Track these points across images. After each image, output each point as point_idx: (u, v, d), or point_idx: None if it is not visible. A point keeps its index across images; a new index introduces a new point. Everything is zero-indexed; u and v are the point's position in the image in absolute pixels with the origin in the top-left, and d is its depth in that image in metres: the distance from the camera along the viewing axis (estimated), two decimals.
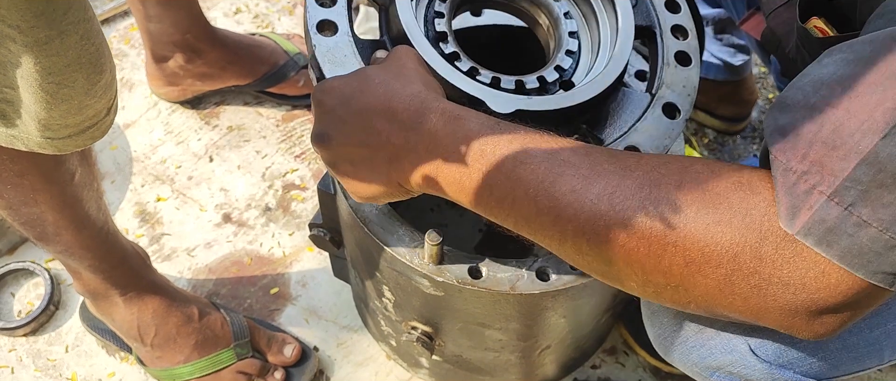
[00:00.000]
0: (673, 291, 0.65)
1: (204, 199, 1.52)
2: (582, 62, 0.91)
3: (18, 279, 1.43)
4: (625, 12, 0.89)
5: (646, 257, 0.63)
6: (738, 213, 0.60)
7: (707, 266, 0.61)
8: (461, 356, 1.17)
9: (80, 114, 0.74)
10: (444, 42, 0.86)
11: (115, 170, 1.55)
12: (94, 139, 0.80)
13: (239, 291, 1.43)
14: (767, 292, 0.60)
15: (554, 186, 0.65)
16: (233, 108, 1.63)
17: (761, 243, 0.59)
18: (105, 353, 1.37)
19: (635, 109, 0.89)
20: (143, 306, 1.26)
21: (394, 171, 0.71)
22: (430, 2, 0.90)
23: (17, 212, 0.98)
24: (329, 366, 1.36)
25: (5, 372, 1.35)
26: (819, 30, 0.86)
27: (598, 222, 0.63)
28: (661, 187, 0.63)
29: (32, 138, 0.76)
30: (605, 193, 0.63)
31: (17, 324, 1.36)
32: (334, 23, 0.84)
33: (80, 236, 1.08)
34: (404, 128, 0.69)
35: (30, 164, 0.89)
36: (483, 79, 0.84)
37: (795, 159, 0.59)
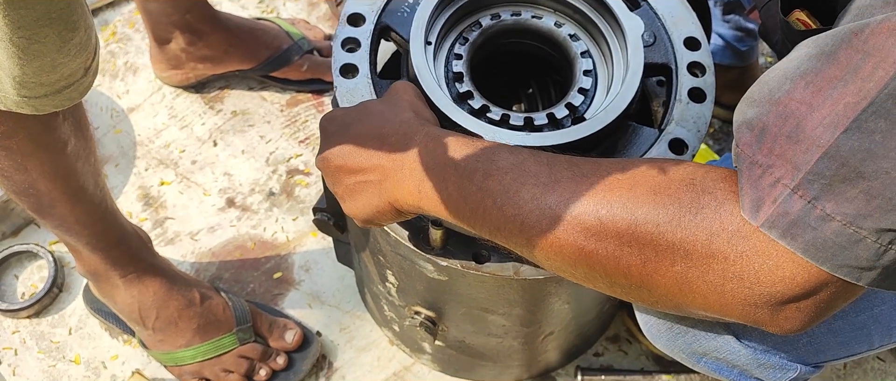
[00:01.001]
0: (638, 291, 0.67)
1: (208, 183, 1.52)
2: (597, 98, 0.95)
3: (22, 262, 1.43)
4: (635, 50, 0.92)
5: (604, 259, 0.66)
6: (689, 211, 0.62)
7: (661, 265, 0.63)
8: (464, 341, 1.17)
9: (54, 73, 0.74)
10: (460, 82, 0.91)
11: (119, 154, 1.55)
12: (73, 100, 0.80)
13: (242, 275, 1.43)
14: (724, 288, 0.61)
15: (518, 195, 0.69)
16: (237, 92, 1.63)
17: (712, 240, 0.61)
18: (108, 335, 1.37)
19: (641, 145, 0.92)
20: (144, 288, 1.26)
21: (385, 191, 0.76)
22: (452, 45, 0.95)
23: (11, 179, 0.98)
24: (332, 351, 1.36)
25: (8, 354, 1.35)
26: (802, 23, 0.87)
27: (557, 227, 0.66)
28: (614, 191, 0.65)
29: (9, 96, 0.76)
30: (563, 198, 0.67)
31: (21, 306, 1.37)
32: (356, 66, 0.92)
33: (75, 210, 1.08)
34: (392, 151, 0.75)
35: (16, 125, 0.88)
36: (493, 115, 0.89)
37: (761, 153, 0.60)
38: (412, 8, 0.96)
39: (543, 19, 0.98)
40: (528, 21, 0.98)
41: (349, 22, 0.95)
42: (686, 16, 0.99)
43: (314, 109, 1.61)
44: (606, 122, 0.88)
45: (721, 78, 1.63)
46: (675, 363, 1.34)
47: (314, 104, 1.62)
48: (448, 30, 0.96)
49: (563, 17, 0.99)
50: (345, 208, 0.81)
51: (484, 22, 0.97)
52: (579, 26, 0.99)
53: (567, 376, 1.34)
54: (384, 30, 0.96)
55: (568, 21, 0.99)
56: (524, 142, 0.86)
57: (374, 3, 0.96)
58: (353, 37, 0.93)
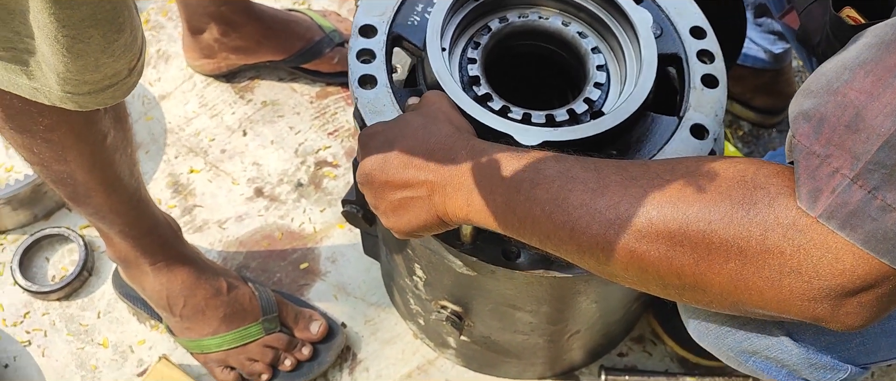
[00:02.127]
0: (692, 291, 0.66)
1: (236, 172, 1.53)
2: (612, 93, 0.97)
3: (53, 245, 1.45)
4: (647, 43, 0.94)
5: (657, 260, 0.65)
6: (742, 208, 0.61)
7: (715, 263, 0.63)
8: (490, 337, 1.18)
9: (97, 72, 0.75)
10: (478, 85, 0.93)
11: (150, 141, 1.57)
12: (116, 99, 0.81)
13: (269, 264, 1.43)
14: (782, 284, 0.61)
15: (566, 202, 0.69)
16: (267, 83, 1.63)
17: (767, 235, 0.60)
18: (136, 320, 1.39)
19: (664, 133, 0.93)
20: (173, 276, 1.28)
21: (434, 206, 0.77)
22: (464, 50, 0.97)
23: (49, 169, 1.00)
24: (356, 343, 1.37)
25: (38, 335, 1.37)
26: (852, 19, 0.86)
27: (608, 231, 0.67)
28: (664, 192, 0.65)
29: (53, 92, 0.77)
30: (612, 203, 0.67)
31: (51, 288, 1.38)
32: (374, 76, 0.93)
33: (110, 200, 1.09)
34: (438, 165, 0.77)
35: (59, 119, 0.90)
36: (514, 115, 0.91)
37: (818, 143, 0.59)
38: (421, 16, 0.99)
39: (550, 20, 1.00)
40: (536, 22, 1.00)
41: (361, 33, 0.96)
42: (689, 6, 1.02)
43: (343, 101, 1.62)
44: (629, 112, 0.89)
45: (754, 81, 1.63)
46: (700, 366, 1.34)
47: (343, 97, 1.63)
48: (458, 35, 0.98)
49: (569, 16, 1.02)
50: (387, 222, 0.82)
51: (493, 25, 0.99)
52: (586, 24, 1.01)
53: (591, 375, 1.34)
54: (396, 39, 0.97)
55: (574, 20, 1.01)
56: (549, 138, 0.86)
57: (383, 13, 0.97)
58: (368, 48, 0.95)
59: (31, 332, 1.37)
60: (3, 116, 0.88)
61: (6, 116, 0.88)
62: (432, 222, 0.79)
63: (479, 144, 0.78)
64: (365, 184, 0.82)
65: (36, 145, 0.93)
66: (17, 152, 0.97)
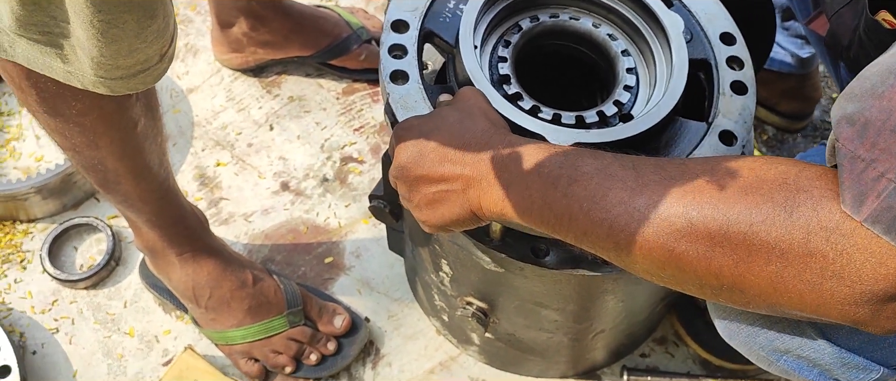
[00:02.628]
0: (729, 292, 0.66)
1: (263, 166, 1.54)
2: (641, 96, 0.97)
3: (82, 234, 1.47)
4: (678, 48, 0.94)
5: (695, 260, 0.65)
6: (784, 210, 0.61)
7: (755, 265, 0.62)
8: (514, 334, 1.18)
9: (130, 57, 0.76)
10: (508, 84, 0.94)
11: (177, 133, 1.58)
12: (147, 85, 0.82)
13: (294, 258, 1.45)
14: (822, 287, 0.60)
15: (605, 199, 0.69)
16: (294, 78, 1.65)
17: (809, 238, 0.60)
18: (162, 311, 1.40)
19: (692, 138, 0.93)
20: (199, 268, 1.29)
21: (468, 201, 0.78)
22: (494, 48, 0.98)
23: (81, 154, 1.01)
24: (379, 338, 1.38)
25: (66, 323, 1.39)
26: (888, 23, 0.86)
27: (646, 230, 0.67)
28: (704, 192, 0.65)
29: (87, 76, 0.78)
30: (651, 201, 0.67)
31: (79, 277, 1.40)
32: (406, 72, 0.94)
33: (139, 188, 1.10)
34: (475, 160, 0.77)
35: (92, 103, 0.91)
36: (544, 116, 0.91)
37: (863, 148, 0.59)
38: (453, 13, 0.99)
39: (581, 21, 1.00)
40: (567, 23, 1.01)
41: (393, 28, 0.97)
42: (719, 12, 1.02)
43: (370, 98, 1.63)
44: (661, 116, 0.90)
45: (780, 86, 1.62)
46: (723, 369, 1.34)
47: (370, 93, 1.63)
48: (489, 33, 0.99)
49: (600, 18, 1.02)
50: (420, 215, 0.82)
51: (524, 24, 0.99)
52: (616, 27, 1.02)
53: (613, 375, 1.34)
54: (428, 35, 0.98)
55: (605, 22, 1.02)
56: (581, 139, 0.87)
57: (416, 8, 0.98)
58: (399, 43, 0.95)
59: (59, 319, 1.39)
60: (38, 99, 0.89)
61: (40, 98, 0.89)
62: (466, 216, 0.79)
63: (516, 139, 0.78)
64: (399, 177, 0.82)
65: (68, 130, 0.95)
66: (50, 137, 0.99)
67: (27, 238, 1.46)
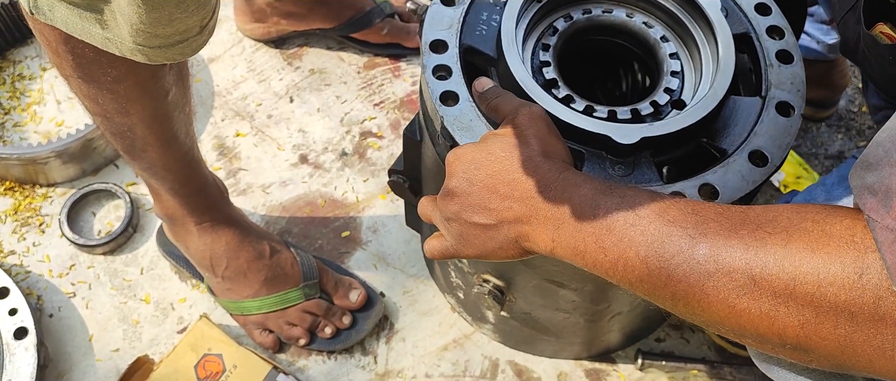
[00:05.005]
0: (792, 351, 0.63)
1: (282, 138, 1.54)
2: (687, 81, 0.96)
3: (100, 200, 1.47)
4: (720, 25, 0.93)
5: (758, 318, 0.62)
6: (853, 272, 0.58)
7: (823, 328, 0.60)
8: (530, 314, 1.18)
9: (170, 26, 0.76)
10: (556, 88, 0.92)
11: (198, 102, 1.58)
12: (185, 55, 0.82)
13: (311, 231, 1.44)
14: (893, 355, 0.58)
15: (663, 247, 0.66)
16: (316, 51, 1.64)
17: (879, 303, 0.57)
18: (178, 279, 1.40)
19: (750, 114, 0.93)
20: (217, 237, 1.29)
21: (517, 237, 0.76)
22: (534, 53, 0.97)
23: (111, 121, 1.01)
24: (394, 313, 1.38)
25: (83, 288, 1.39)
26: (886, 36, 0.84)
27: (706, 283, 0.64)
28: (768, 247, 0.62)
29: (125, 43, 0.78)
30: (712, 253, 0.64)
31: (97, 242, 1.40)
32: (455, 92, 0.92)
33: (165, 156, 1.10)
34: (525, 197, 0.74)
35: (127, 71, 0.90)
36: (600, 114, 0.90)
37: (890, 217, 0.57)
38: (487, 24, 0.98)
39: (615, 13, 1.00)
40: (601, 17, 1.00)
41: (432, 50, 0.95)
42: None
43: (391, 73, 1.62)
44: (718, 98, 0.89)
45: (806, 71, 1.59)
46: (738, 357, 1.33)
47: (391, 69, 1.63)
48: (526, 38, 0.98)
49: (633, 8, 1.02)
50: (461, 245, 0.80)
51: (559, 25, 0.98)
52: (651, 15, 1.00)
53: (627, 358, 1.33)
54: (468, 51, 0.96)
55: (639, 11, 1.01)
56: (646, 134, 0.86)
57: (450, 26, 0.97)
58: (443, 64, 0.94)
59: (76, 284, 1.40)
60: (73, 64, 0.89)
61: (76, 64, 0.89)
62: (512, 250, 0.77)
63: (572, 176, 0.75)
64: (446, 198, 0.80)
65: (101, 96, 0.95)
66: (82, 102, 0.98)
67: (46, 202, 1.47)
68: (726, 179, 0.88)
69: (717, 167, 0.89)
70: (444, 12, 0.98)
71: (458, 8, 0.99)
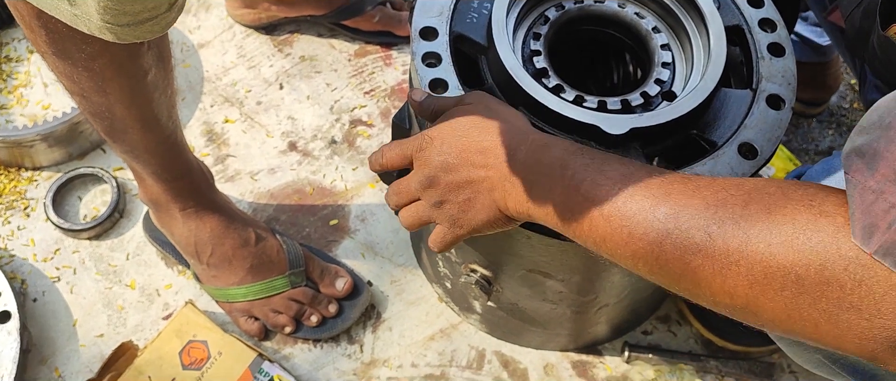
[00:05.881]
0: (743, 312, 0.64)
1: (271, 125, 1.53)
2: (678, 72, 0.96)
3: (86, 184, 1.46)
4: (712, 17, 0.93)
5: (711, 276, 0.63)
6: (804, 233, 0.58)
7: (770, 289, 0.60)
8: (517, 304, 1.17)
9: (137, 3, 0.74)
10: (547, 77, 0.92)
11: (187, 88, 1.57)
12: (154, 33, 0.80)
13: (298, 219, 1.44)
14: (839, 319, 0.57)
15: (626, 206, 0.67)
16: (307, 38, 1.63)
17: (826, 266, 0.57)
18: (164, 264, 1.39)
19: (740, 107, 0.93)
20: (202, 223, 1.28)
21: (494, 201, 0.78)
22: (525, 42, 0.97)
23: (89, 100, 1.00)
24: (381, 302, 1.37)
25: (68, 272, 1.38)
26: None
27: (664, 240, 0.65)
28: (727, 207, 0.63)
29: (93, 20, 0.76)
30: (672, 212, 0.65)
31: (82, 227, 1.39)
32: (444, 80, 0.92)
33: (146, 138, 1.09)
34: (499, 161, 0.77)
35: (102, 48, 0.89)
36: (590, 104, 0.90)
37: (873, 179, 0.57)
38: (479, 12, 0.98)
39: (606, 3, 0.99)
40: (592, 7, 0.99)
41: (422, 36, 0.95)
42: None
43: (382, 61, 1.61)
44: (709, 90, 0.89)
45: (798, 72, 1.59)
46: (725, 350, 1.33)
47: (382, 56, 1.62)
48: (517, 27, 0.97)
49: None
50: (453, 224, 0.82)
51: (550, 15, 0.98)
52: (643, 6, 1.00)
53: (614, 351, 1.33)
54: (458, 39, 0.96)
55: (631, 2, 1.00)
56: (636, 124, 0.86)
57: (441, 14, 0.97)
58: (432, 51, 0.94)
59: (61, 269, 1.39)
60: (47, 40, 0.88)
61: (50, 39, 0.87)
62: (496, 217, 0.79)
63: (541, 138, 0.76)
64: (428, 186, 0.82)
65: (77, 73, 0.93)
66: (59, 80, 0.97)
67: (32, 186, 1.45)
68: (715, 172, 0.88)
69: (706, 159, 0.89)
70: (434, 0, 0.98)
71: None
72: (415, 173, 0.83)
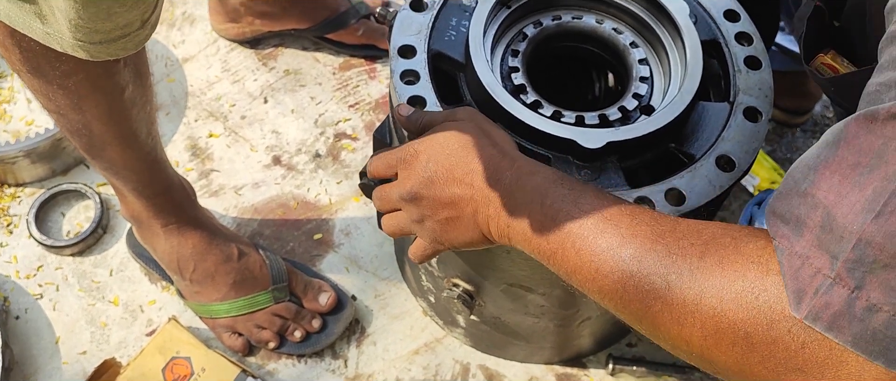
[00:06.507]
0: (699, 360, 0.65)
1: (255, 139, 1.53)
2: (656, 86, 0.97)
3: (70, 200, 1.46)
4: (688, 31, 0.94)
5: (669, 323, 0.64)
6: (753, 292, 0.59)
7: (722, 343, 0.61)
8: (500, 318, 1.17)
9: (109, 21, 0.74)
10: (524, 93, 0.92)
11: (171, 102, 1.57)
12: (128, 51, 0.81)
13: (282, 233, 1.43)
14: (786, 379, 0.58)
15: (595, 241, 0.69)
16: (291, 51, 1.63)
17: (772, 326, 0.58)
18: (148, 280, 1.39)
19: (718, 119, 0.93)
20: (183, 240, 1.27)
21: (477, 224, 0.79)
22: (503, 59, 0.97)
23: (66, 117, 0.99)
24: (365, 316, 1.37)
25: (50, 289, 1.38)
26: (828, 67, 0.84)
27: (628, 281, 0.66)
28: (686, 257, 0.64)
29: (65, 39, 0.76)
30: (636, 254, 0.66)
31: (65, 243, 1.39)
32: (422, 97, 0.92)
33: (125, 155, 1.09)
34: (484, 184, 0.77)
35: (76, 66, 0.89)
36: (567, 119, 0.90)
37: (798, 244, 0.58)
38: (457, 29, 0.98)
39: (584, 19, 1.00)
40: (570, 23, 1.00)
41: (400, 54, 0.95)
42: None
43: (366, 74, 1.61)
44: (686, 103, 0.89)
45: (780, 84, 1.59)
46: None
47: (366, 70, 1.62)
48: (495, 44, 0.98)
49: (603, 14, 1.02)
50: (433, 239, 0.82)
51: (528, 31, 0.98)
52: (620, 21, 1.01)
53: (598, 363, 1.33)
54: (436, 57, 0.96)
55: (608, 17, 1.01)
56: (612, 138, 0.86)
57: (419, 32, 0.97)
58: (411, 69, 0.94)
59: (44, 285, 1.38)
60: (21, 58, 0.87)
61: (24, 58, 0.87)
62: (478, 239, 0.80)
63: (526, 165, 0.77)
64: (411, 201, 0.82)
65: (52, 91, 0.93)
66: (35, 98, 0.97)
67: (14, 202, 1.45)
68: (693, 184, 0.88)
69: (684, 172, 0.89)
70: (413, 18, 0.98)
71: (428, 13, 0.98)
72: (398, 184, 0.83)
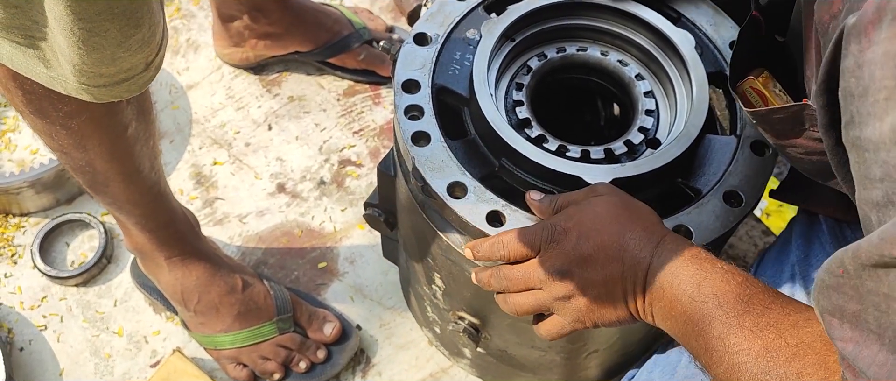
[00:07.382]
0: None
1: (260, 167, 1.52)
2: (662, 119, 0.96)
3: (74, 230, 1.45)
4: (694, 63, 0.93)
5: None
6: None
7: None
8: (506, 351, 1.16)
9: (113, 65, 0.74)
10: (529, 127, 0.92)
11: (175, 130, 1.56)
12: (131, 93, 0.80)
13: (287, 262, 1.42)
14: None
15: (709, 328, 0.73)
16: (295, 77, 1.62)
17: None
18: (152, 311, 1.38)
19: (725, 153, 0.92)
20: (187, 272, 1.27)
21: (626, 303, 0.80)
22: (507, 92, 0.96)
23: (70, 156, 0.99)
24: (370, 346, 1.35)
25: (54, 320, 1.37)
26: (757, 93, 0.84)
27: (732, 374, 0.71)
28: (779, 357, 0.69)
29: (69, 82, 0.76)
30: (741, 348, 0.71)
31: (69, 274, 1.38)
32: (427, 133, 0.91)
33: (129, 190, 1.08)
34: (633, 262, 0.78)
35: (79, 107, 0.89)
36: (573, 154, 0.90)
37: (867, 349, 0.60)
38: (461, 64, 0.97)
39: (589, 51, 0.99)
40: (575, 55, 0.99)
41: (404, 89, 0.94)
42: (723, 21, 1.01)
43: (371, 100, 1.61)
44: (692, 138, 0.88)
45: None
46: None
47: (371, 96, 1.61)
48: (499, 77, 0.97)
49: (608, 46, 1.01)
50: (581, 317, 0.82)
51: (533, 64, 0.97)
52: (626, 53, 1.00)
53: None
54: (440, 91, 0.95)
55: (614, 49, 1.00)
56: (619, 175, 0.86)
57: (423, 66, 0.96)
58: (414, 104, 0.93)
59: (48, 316, 1.37)
60: (24, 100, 0.87)
61: (26, 99, 0.87)
62: (625, 317, 0.81)
63: (669, 242, 0.78)
64: (560, 280, 0.80)
65: (55, 132, 0.93)
66: (39, 138, 0.97)
67: (19, 232, 1.45)
68: (700, 220, 0.87)
69: (690, 208, 0.88)
70: (417, 52, 0.97)
71: (432, 47, 0.97)
72: (542, 264, 0.81)
